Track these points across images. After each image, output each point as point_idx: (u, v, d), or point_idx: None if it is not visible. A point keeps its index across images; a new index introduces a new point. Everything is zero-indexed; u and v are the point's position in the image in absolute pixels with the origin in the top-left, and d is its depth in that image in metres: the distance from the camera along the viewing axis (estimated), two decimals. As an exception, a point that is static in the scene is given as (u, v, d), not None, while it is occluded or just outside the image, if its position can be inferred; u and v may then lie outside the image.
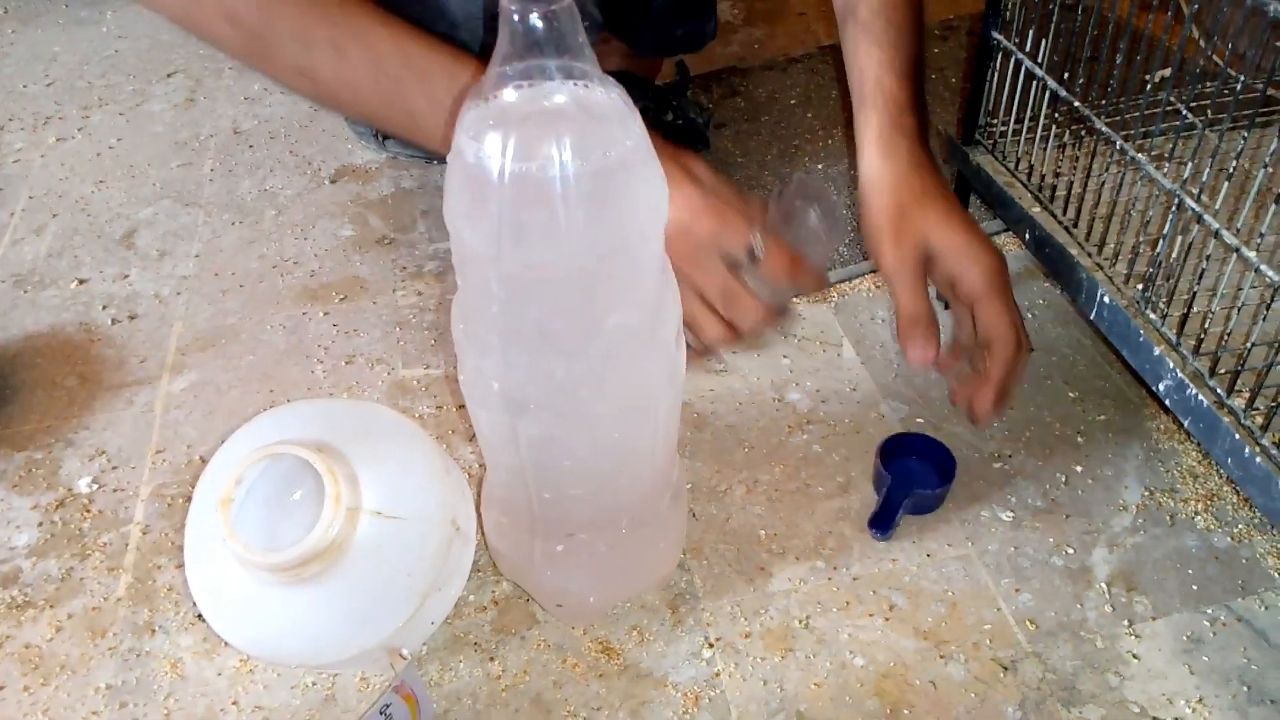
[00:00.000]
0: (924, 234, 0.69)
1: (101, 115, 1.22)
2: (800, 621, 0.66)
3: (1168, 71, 0.61)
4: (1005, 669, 0.63)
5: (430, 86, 0.67)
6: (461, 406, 0.82)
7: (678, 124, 1.03)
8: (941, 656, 0.64)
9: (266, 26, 0.65)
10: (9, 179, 1.12)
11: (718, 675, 0.64)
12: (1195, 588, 0.67)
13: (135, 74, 1.30)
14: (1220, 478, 0.74)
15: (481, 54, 0.74)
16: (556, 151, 0.45)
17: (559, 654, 0.65)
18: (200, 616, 0.67)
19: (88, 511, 0.76)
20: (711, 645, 0.66)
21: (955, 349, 0.74)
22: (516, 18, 0.45)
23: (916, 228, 0.70)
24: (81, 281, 0.97)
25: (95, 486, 0.78)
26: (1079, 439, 0.77)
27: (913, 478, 0.72)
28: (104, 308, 0.94)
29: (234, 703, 0.63)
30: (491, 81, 0.47)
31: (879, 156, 0.72)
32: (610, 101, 0.47)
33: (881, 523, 0.70)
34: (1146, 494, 0.73)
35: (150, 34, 1.38)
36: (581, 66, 0.47)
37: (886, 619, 0.66)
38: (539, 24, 0.45)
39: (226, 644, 0.65)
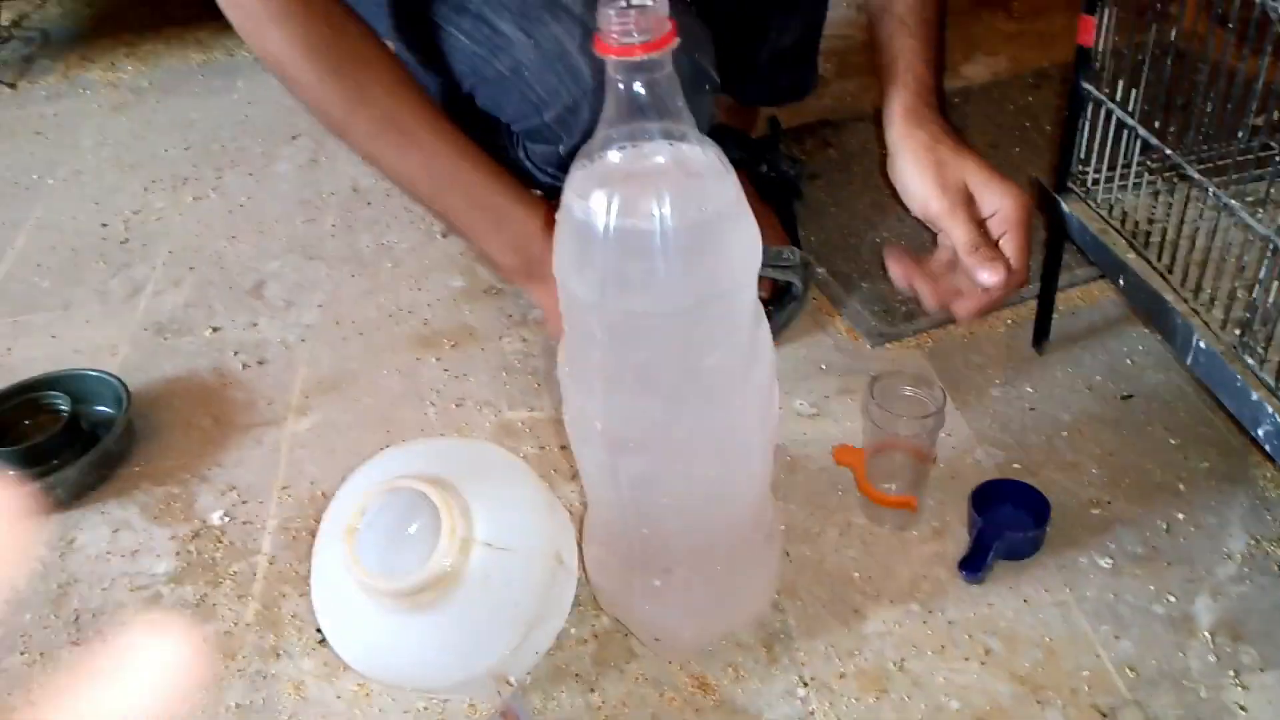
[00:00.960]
0: (964, 178, 0.78)
1: (233, 175, 1.32)
2: (895, 664, 0.67)
3: (1260, 120, 0.62)
4: (1105, 716, 0.63)
5: (467, 192, 0.85)
6: (563, 447, 0.86)
7: (770, 176, 1.06)
8: (1039, 702, 0.64)
9: (349, 123, 0.82)
10: (151, 236, 1.21)
11: (812, 714, 0.65)
12: (1306, 639, 0.66)
13: (263, 137, 1.40)
14: (1332, 527, 0.72)
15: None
16: (656, 207, 0.49)
17: (656, 688, 0.67)
18: (322, 641, 0.72)
19: (220, 542, 0.82)
20: (806, 684, 0.67)
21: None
22: (621, 86, 0.48)
23: (958, 174, 0.78)
24: (215, 330, 1.05)
25: (227, 519, 0.84)
26: (1180, 486, 0.77)
27: (1006, 521, 0.72)
28: (235, 354, 1.01)
29: (351, 724, 0.67)
30: (598, 143, 0.51)
31: (909, 125, 0.80)
32: (707, 159, 0.51)
33: (972, 564, 0.70)
34: (1253, 542, 0.72)
35: (276, 100, 1.49)
36: (680, 128, 0.50)
37: (982, 663, 0.67)
38: (642, 91, 0.49)
39: (345, 668, 0.69)
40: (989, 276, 0.76)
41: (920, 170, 0.78)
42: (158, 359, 1.02)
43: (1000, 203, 0.77)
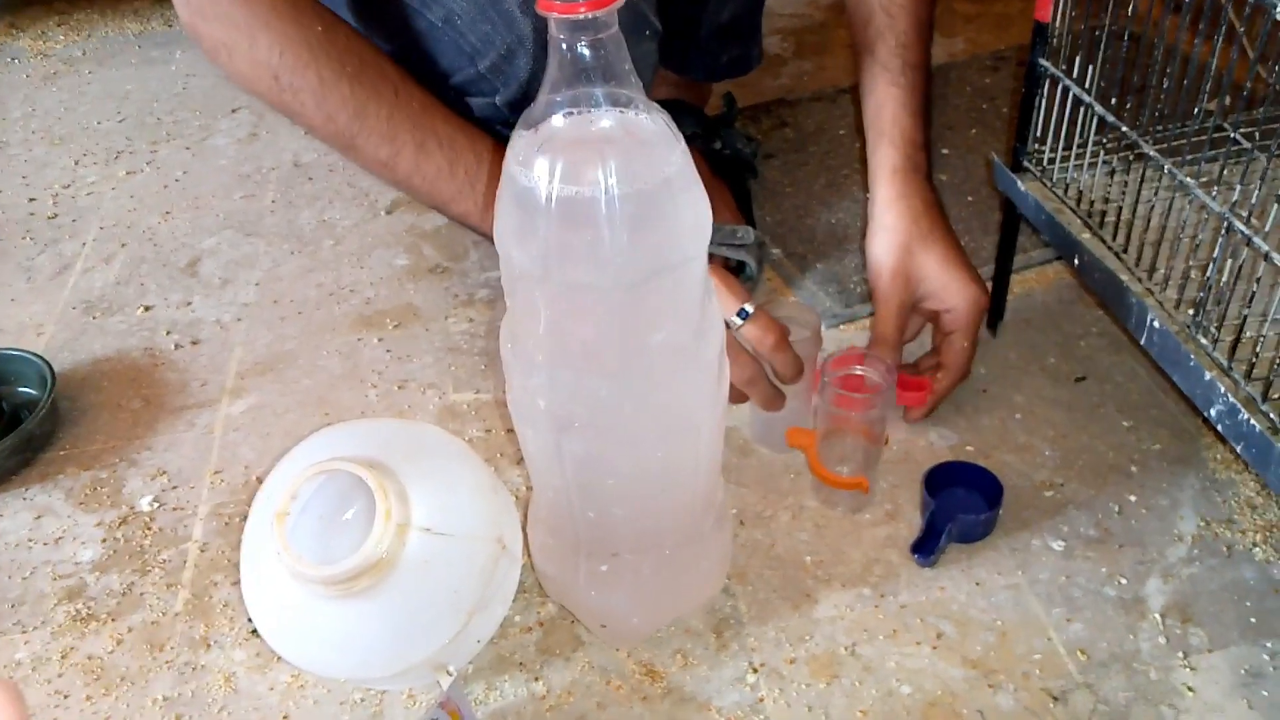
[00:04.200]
0: (922, 274, 0.78)
1: (169, 149, 1.27)
2: (846, 648, 0.66)
3: (1214, 105, 0.61)
4: (1056, 699, 0.62)
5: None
6: (509, 430, 0.83)
7: (725, 154, 1.04)
8: (990, 686, 0.63)
9: (359, 125, 0.74)
10: (82, 211, 1.16)
11: (762, 700, 0.64)
12: (1254, 620, 0.66)
13: (201, 110, 1.35)
14: (1280, 509, 0.72)
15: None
16: (602, 175, 0.47)
17: (603, 675, 0.66)
18: (254, 632, 0.69)
19: (149, 529, 0.78)
20: (756, 670, 0.65)
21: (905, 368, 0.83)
22: (565, 46, 0.46)
23: (916, 268, 0.78)
24: (147, 308, 1.01)
25: (156, 505, 0.80)
26: (1133, 468, 0.76)
27: (959, 504, 0.71)
28: (168, 333, 0.97)
29: (285, 717, 0.65)
30: (540, 109, 0.48)
31: (892, 193, 0.79)
32: (654, 126, 0.49)
33: (925, 547, 0.69)
34: (1202, 524, 0.72)
35: (216, 72, 1.43)
36: (627, 93, 0.48)
37: (934, 647, 0.66)
38: (586, 52, 0.46)
39: (279, 659, 0.67)
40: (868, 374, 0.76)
41: (884, 252, 0.78)
42: (86, 339, 0.97)
43: (954, 303, 0.77)
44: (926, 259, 0.77)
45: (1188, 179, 0.62)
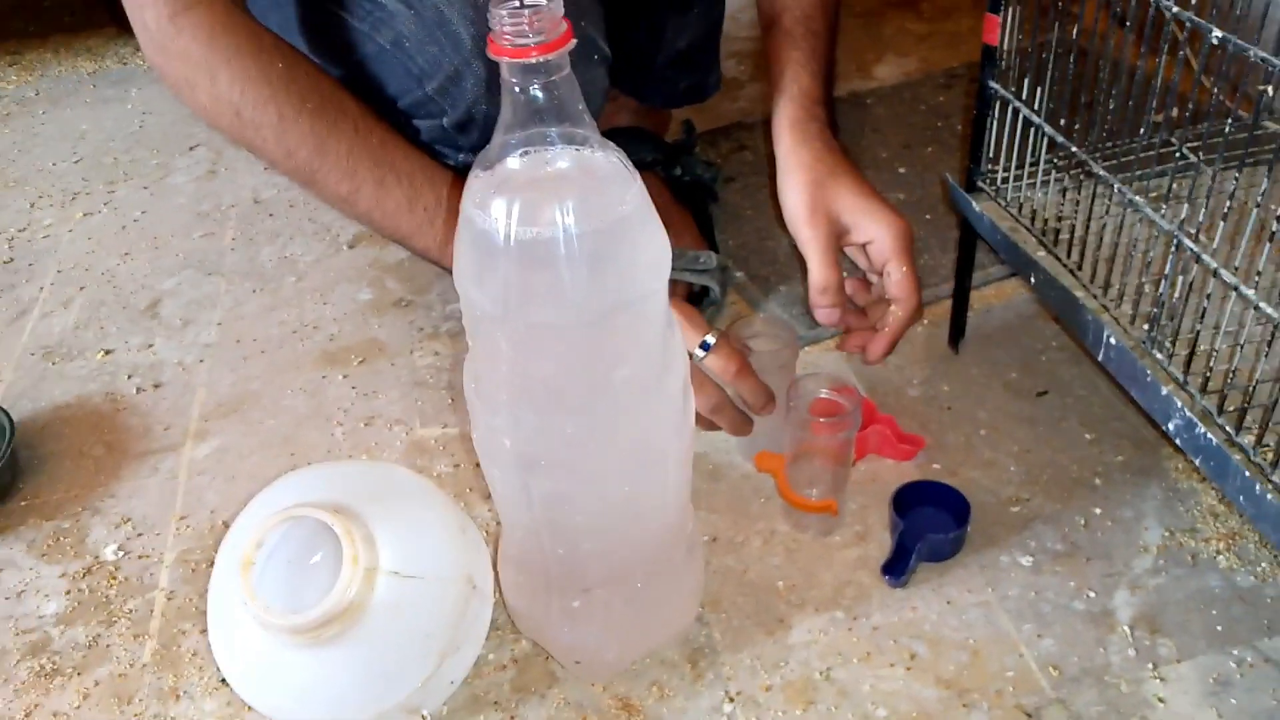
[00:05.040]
0: (838, 207, 0.77)
1: (126, 189, 1.26)
2: (821, 673, 0.66)
3: (1161, 117, 0.62)
4: (1029, 716, 0.63)
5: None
6: (478, 465, 0.82)
7: (685, 179, 1.04)
8: (965, 705, 0.64)
9: (319, 161, 0.75)
10: (39, 254, 1.15)
11: (739, 729, 0.64)
12: (1220, 629, 0.66)
13: (159, 148, 1.34)
14: (1241, 516, 0.73)
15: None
16: (559, 215, 0.47)
17: (579, 711, 0.65)
18: (224, 681, 0.68)
19: (114, 579, 0.77)
20: (732, 699, 0.65)
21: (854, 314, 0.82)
22: (518, 89, 0.46)
23: (831, 201, 0.77)
24: (107, 352, 1.00)
25: (121, 554, 0.79)
26: (1097, 481, 0.77)
27: (927, 523, 0.72)
28: (129, 377, 0.96)
29: (257, 767, 0.64)
30: (496, 150, 0.48)
31: (794, 140, 0.79)
32: (610, 164, 0.49)
33: (895, 568, 0.70)
34: (1167, 534, 0.73)
35: (173, 109, 1.43)
36: (582, 132, 0.48)
37: (908, 668, 0.66)
38: (539, 94, 0.47)
39: (249, 708, 0.65)
40: (824, 317, 0.77)
41: (796, 192, 0.78)
42: (46, 385, 0.96)
43: (876, 232, 0.77)
44: (839, 190, 0.77)
45: (1136, 197, 0.63)
